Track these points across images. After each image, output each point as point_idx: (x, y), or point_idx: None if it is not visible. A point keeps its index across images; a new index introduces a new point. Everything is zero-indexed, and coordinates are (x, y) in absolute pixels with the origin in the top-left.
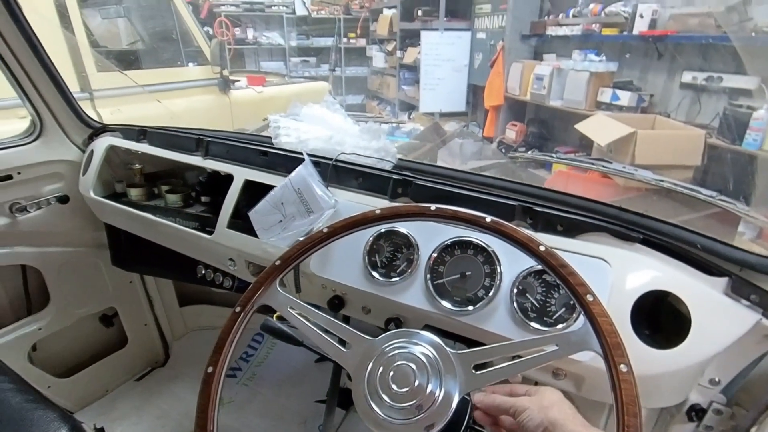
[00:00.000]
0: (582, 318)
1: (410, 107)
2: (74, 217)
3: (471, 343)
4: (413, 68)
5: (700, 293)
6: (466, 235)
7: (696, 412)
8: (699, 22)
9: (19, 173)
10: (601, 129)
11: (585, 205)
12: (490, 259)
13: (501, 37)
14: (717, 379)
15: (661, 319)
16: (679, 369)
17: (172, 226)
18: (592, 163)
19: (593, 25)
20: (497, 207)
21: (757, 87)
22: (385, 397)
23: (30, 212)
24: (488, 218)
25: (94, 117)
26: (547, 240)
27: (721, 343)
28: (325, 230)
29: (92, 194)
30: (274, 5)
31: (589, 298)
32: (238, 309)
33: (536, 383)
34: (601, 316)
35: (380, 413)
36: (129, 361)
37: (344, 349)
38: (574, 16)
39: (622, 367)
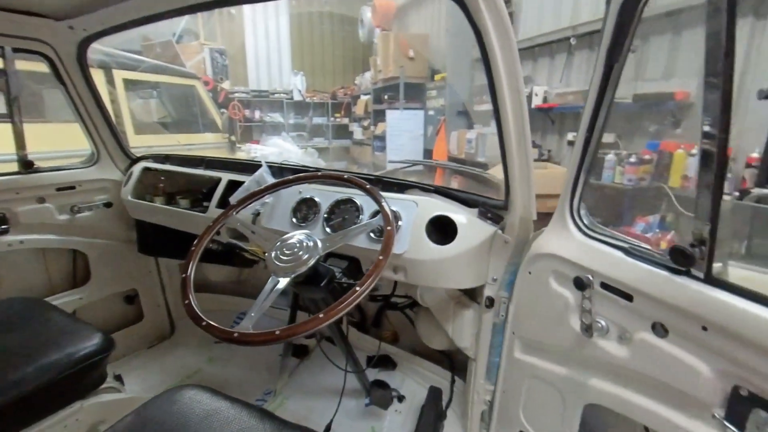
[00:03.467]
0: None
1: (381, 169)
2: (114, 219)
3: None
4: (383, 138)
5: (463, 216)
6: (346, 197)
7: (488, 300)
8: (574, 98)
9: (80, 185)
10: None
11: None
12: (356, 207)
13: (443, 113)
14: (495, 278)
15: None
16: (453, 256)
17: (182, 211)
18: (437, 163)
19: None
20: (366, 179)
21: (614, 140)
22: (280, 253)
23: (84, 212)
24: (346, 175)
25: None
26: (388, 194)
27: (474, 242)
28: (263, 188)
29: (129, 198)
30: (276, 93)
31: (384, 204)
32: (211, 224)
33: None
34: (387, 216)
35: (276, 261)
36: (143, 333)
37: (260, 238)
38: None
39: (388, 228)
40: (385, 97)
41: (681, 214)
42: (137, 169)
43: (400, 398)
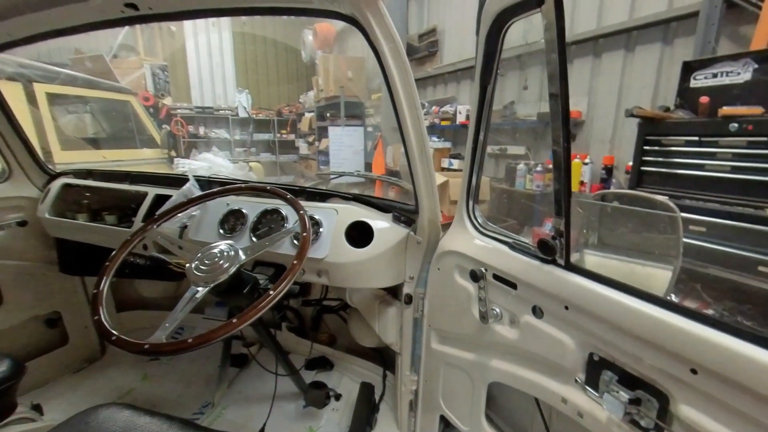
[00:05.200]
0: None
1: (325, 182)
2: (30, 238)
3: (273, 264)
4: (327, 153)
5: (378, 221)
6: (273, 207)
7: (407, 297)
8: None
9: None
10: None
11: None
12: (282, 217)
13: (380, 129)
14: (412, 276)
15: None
16: (371, 257)
17: (105, 227)
18: (359, 173)
19: (435, 120)
20: (289, 190)
21: (525, 152)
22: (200, 264)
23: None
24: (269, 187)
25: None
26: (311, 203)
27: (390, 243)
28: (186, 201)
29: (47, 215)
30: (221, 110)
31: (302, 212)
32: (128, 238)
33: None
34: (304, 222)
35: (195, 271)
36: (69, 357)
37: (187, 252)
38: (424, 114)
39: (304, 234)
40: (328, 114)
41: (577, 213)
42: (56, 185)
43: (337, 396)
